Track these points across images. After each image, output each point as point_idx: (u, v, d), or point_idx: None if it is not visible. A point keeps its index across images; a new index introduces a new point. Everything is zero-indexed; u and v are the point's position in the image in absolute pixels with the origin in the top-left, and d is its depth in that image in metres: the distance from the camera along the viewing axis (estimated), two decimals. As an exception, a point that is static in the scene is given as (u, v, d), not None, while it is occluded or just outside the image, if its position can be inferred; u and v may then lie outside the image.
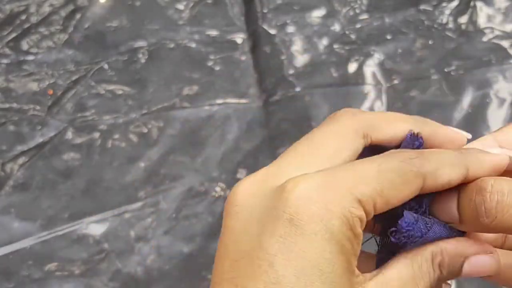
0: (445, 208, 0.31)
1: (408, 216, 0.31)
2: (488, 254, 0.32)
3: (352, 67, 0.79)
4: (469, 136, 0.34)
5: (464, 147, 0.33)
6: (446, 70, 0.79)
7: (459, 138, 0.33)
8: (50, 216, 0.71)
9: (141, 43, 0.82)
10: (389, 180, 0.29)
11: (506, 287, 0.35)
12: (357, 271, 0.29)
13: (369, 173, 0.29)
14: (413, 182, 0.30)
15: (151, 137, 0.75)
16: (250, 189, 0.30)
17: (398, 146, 0.33)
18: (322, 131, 0.34)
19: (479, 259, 0.32)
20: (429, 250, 0.31)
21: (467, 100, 0.76)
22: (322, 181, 0.29)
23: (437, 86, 0.78)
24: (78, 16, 0.84)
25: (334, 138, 0.33)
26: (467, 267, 0.32)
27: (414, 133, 0.34)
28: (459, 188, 0.30)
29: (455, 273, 0.32)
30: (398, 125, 0.34)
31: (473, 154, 0.31)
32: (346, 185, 0.29)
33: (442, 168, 0.30)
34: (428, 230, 0.32)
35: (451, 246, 0.32)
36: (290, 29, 0.82)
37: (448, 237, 0.32)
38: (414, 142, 0.34)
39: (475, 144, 0.34)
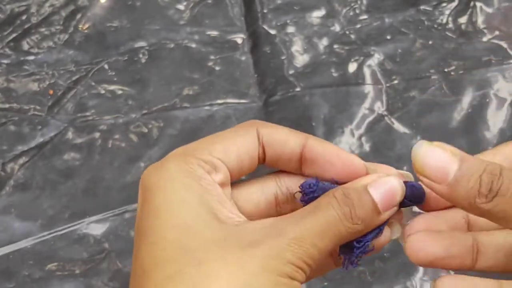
0: (441, 166, 0.31)
1: (309, 180, 0.34)
2: (387, 175, 0.34)
3: (352, 67, 0.80)
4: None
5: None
6: (446, 70, 0.79)
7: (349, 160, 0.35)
8: (51, 216, 0.71)
9: (141, 43, 0.82)
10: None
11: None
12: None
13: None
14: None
15: (151, 137, 0.75)
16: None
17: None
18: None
19: (381, 180, 0.33)
20: (328, 193, 0.33)
21: (467, 100, 0.77)
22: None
23: (437, 86, 0.78)
24: (78, 16, 0.84)
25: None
26: (374, 193, 0.33)
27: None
28: (460, 156, 0.31)
29: (368, 205, 0.32)
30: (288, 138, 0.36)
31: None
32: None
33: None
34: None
35: (349, 182, 0.34)
36: (290, 29, 0.83)
37: None
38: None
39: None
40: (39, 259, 0.69)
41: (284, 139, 0.36)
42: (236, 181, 0.35)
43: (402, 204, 0.35)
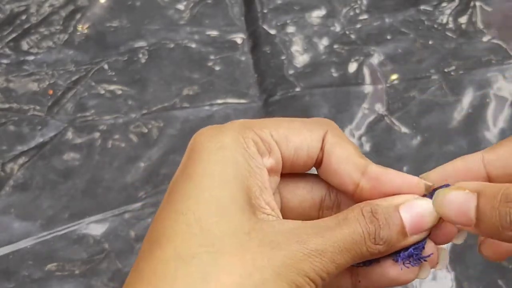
0: (461, 209, 0.30)
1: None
2: (422, 198, 0.32)
3: (352, 67, 0.80)
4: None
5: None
6: (446, 70, 0.79)
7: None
8: (50, 216, 0.71)
9: (141, 43, 0.82)
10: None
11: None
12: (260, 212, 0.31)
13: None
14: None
15: (151, 137, 0.75)
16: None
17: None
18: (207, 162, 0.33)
19: (413, 202, 0.32)
20: (356, 206, 0.32)
21: (467, 100, 0.76)
22: None
23: (437, 86, 0.78)
24: (78, 16, 0.84)
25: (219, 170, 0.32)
26: (405, 215, 0.31)
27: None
28: (478, 190, 0.30)
29: (395, 226, 0.31)
30: (306, 134, 0.34)
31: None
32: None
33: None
34: None
35: (381, 199, 0.32)
36: (290, 29, 0.83)
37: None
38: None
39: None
40: (39, 259, 0.68)
41: (346, 157, 0.33)
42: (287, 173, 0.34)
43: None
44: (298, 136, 0.33)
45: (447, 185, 0.33)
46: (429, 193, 0.33)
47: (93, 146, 0.75)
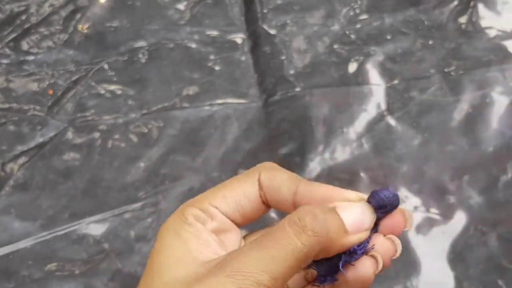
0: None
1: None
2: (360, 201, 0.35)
3: (352, 67, 0.80)
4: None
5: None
6: (446, 70, 0.79)
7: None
8: (50, 216, 0.71)
9: (141, 43, 0.82)
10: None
11: None
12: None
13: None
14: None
15: (151, 137, 0.75)
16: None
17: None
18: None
19: (351, 204, 0.35)
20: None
21: (467, 100, 0.76)
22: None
23: (437, 86, 0.78)
24: (78, 16, 0.84)
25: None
26: (342, 214, 0.34)
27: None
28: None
29: (332, 221, 0.33)
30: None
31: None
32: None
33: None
34: None
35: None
36: (290, 29, 0.83)
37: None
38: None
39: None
40: (39, 259, 0.68)
41: (278, 186, 0.37)
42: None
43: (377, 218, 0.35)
44: (233, 191, 0.37)
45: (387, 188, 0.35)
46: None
47: (93, 146, 0.75)
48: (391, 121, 0.76)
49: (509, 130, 0.74)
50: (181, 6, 0.85)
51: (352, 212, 0.34)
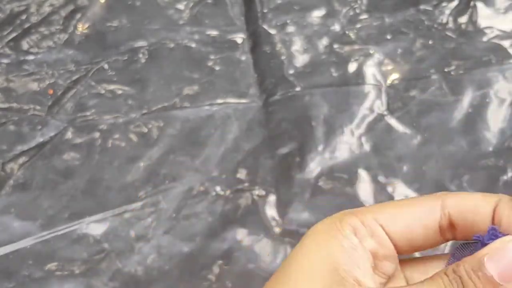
0: None
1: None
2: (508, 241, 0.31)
3: (352, 67, 0.80)
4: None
5: None
6: (446, 70, 0.79)
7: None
8: (50, 216, 0.71)
9: (141, 43, 0.82)
10: None
11: None
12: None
13: None
14: None
15: (151, 137, 0.75)
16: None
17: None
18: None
19: (502, 248, 0.31)
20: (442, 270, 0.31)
21: (467, 100, 0.77)
22: None
23: (437, 86, 0.78)
24: (78, 16, 0.84)
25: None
26: (491, 265, 0.30)
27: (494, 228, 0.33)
28: None
29: (482, 280, 0.30)
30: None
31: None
32: None
33: None
34: None
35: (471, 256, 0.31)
36: (290, 29, 0.83)
37: None
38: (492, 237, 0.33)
39: None
40: (39, 259, 0.68)
41: (473, 206, 0.33)
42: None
43: None
44: (406, 213, 0.33)
45: None
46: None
47: (93, 146, 0.75)
48: (391, 121, 0.76)
49: (509, 130, 0.74)
50: (181, 6, 0.85)
51: (501, 261, 0.30)
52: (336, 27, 0.83)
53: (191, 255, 0.69)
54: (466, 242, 0.34)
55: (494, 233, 0.32)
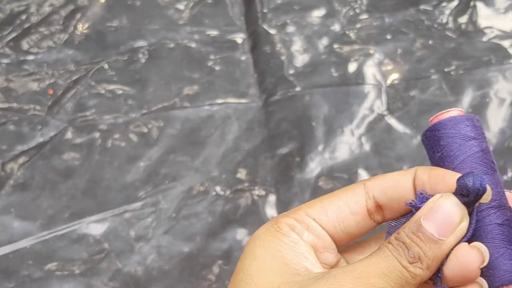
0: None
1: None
2: (441, 196, 0.33)
3: (352, 67, 0.80)
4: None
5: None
6: (446, 70, 0.79)
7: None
8: (50, 215, 0.71)
9: (141, 43, 0.82)
10: None
11: None
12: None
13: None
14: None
15: (151, 137, 0.75)
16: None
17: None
18: None
19: (433, 207, 0.33)
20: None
21: (467, 100, 0.77)
22: None
23: (437, 86, 0.78)
24: (78, 15, 0.84)
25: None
26: (427, 224, 0.32)
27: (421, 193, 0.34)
28: None
29: (424, 239, 0.31)
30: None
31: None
32: None
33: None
34: None
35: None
36: (290, 29, 0.83)
37: None
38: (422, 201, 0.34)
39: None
40: (39, 259, 0.68)
41: (394, 181, 0.35)
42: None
43: (468, 205, 0.33)
44: (334, 203, 0.35)
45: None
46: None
47: (93, 146, 0.75)
48: (391, 121, 0.76)
49: (509, 130, 0.74)
50: (181, 6, 0.85)
51: (436, 218, 0.32)
52: (336, 27, 0.83)
53: (191, 255, 0.69)
54: (396, 218, 0.35)
55: (424, 196, 0.34)
